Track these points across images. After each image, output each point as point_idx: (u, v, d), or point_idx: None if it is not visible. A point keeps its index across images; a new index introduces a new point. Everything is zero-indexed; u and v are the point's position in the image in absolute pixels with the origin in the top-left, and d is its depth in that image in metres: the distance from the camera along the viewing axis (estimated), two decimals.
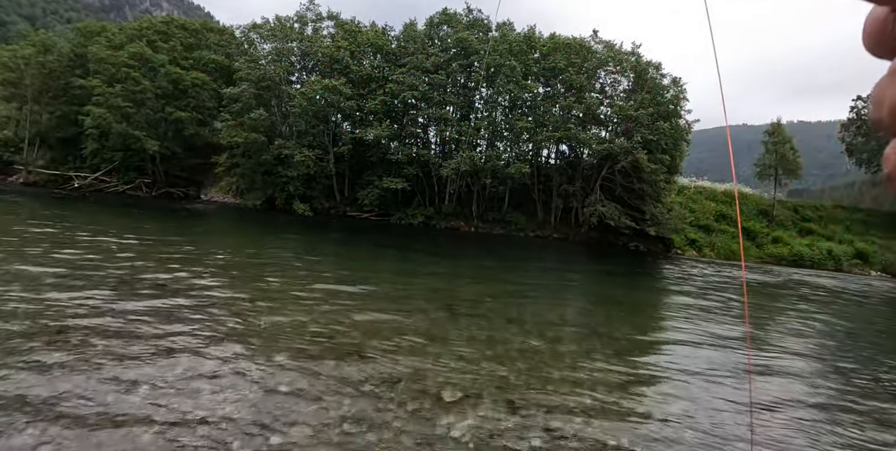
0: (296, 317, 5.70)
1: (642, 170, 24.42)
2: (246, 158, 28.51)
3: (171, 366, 3.90)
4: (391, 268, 11.36)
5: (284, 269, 9.33)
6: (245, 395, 3.48)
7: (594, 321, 7.34)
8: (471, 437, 3.21)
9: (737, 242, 28.30)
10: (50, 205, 18.81)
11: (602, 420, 3.67)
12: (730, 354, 6.14)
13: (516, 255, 17.63)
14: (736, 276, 17.37)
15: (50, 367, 3.59)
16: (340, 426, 3.18)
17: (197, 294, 6.30)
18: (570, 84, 26.60)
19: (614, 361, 5.26)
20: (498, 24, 29.61)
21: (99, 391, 3.31)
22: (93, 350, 4.04)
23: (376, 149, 27.79)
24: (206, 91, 31.51)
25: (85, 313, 5.05)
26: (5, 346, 3.95)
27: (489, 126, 27.54)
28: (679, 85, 26.47)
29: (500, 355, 5.03)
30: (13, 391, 3.19)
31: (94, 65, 30.56)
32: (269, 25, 30.82)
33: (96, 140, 30.43)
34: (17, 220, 12.86)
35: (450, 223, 27.56)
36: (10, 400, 3.07)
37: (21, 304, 5.07)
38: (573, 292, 10.47)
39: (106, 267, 7.31)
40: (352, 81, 27.76)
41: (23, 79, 32.79)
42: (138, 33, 32.89)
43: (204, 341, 4.56)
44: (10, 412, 2.92)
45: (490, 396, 3.93)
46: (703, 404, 4.27)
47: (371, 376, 4.08)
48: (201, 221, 19.94)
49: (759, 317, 9.28)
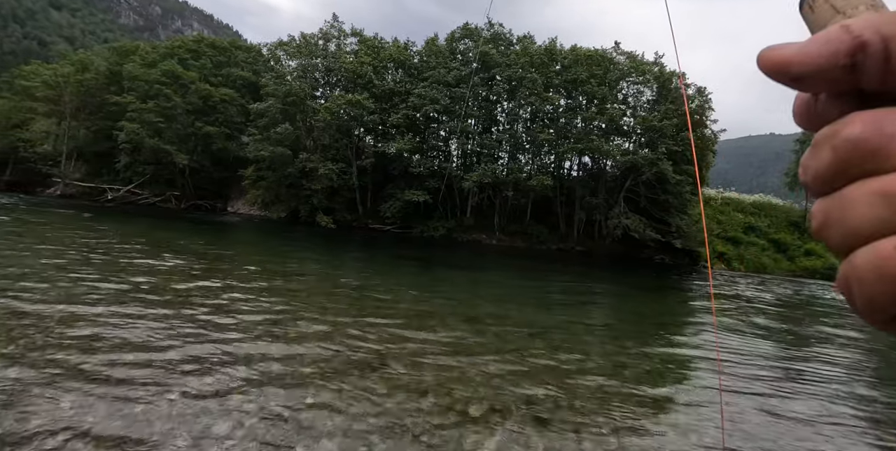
0: (320, 328, 5.72)
1: (667, 181, 24.05)
2: (271, 171, 29.12)
3: (197, 374, 3.93)
4: (413, 280, 11.35)
5: (308, 280, 9.41)
6: (271, 407, 3.48)
7: (622, 337, 7.17)
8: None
9: (768, 254, 27.53)
10: (103, 217, 19.43)
11: (632, 438, 3.55)
12: (770, 373, 5.91)
13: (539, 268, 17.46)
14: (772, 290, 16.85)
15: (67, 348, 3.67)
16: (367, 440, 3.15)
17: (220, 304, 6.39)
18: (591, 95, 26.52)
19: (644, 378, 5.11)
20: (519, 38, 29.83)
21: (128, 398, 3.36)
22: (121, 359, 4.11)
23: (398, 162, 28.07)
24: (234, 106, 32.46)
25: (94, 319, 5.15)
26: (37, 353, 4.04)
27: (511, 139, 27.58)
28: (704, 95, 26.14)
29: (525, 369, 4.94)
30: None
31: (128, 82, 31.80)
32: (294, 43, 31.68)
33: (129, 154, 31.53)
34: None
35: (471, 236, 27.52)
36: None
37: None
38: (599, 307, 10.28)
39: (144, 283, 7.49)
40: (374, 95, 28.22)
41: (62, 96, 34.32)
42: (170, 52, 34.18)
43: (229, 351, 4.60)
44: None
45: (517, 411, 3.85)
46: (739, 423, 4.10)
47: (396, 389, 4.05)
48: (228, 232, 20.34)
49: (778, 331, 8.95)
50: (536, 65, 26.78)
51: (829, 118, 0.24)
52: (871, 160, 0.21)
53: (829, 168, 0.23)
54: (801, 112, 0.27)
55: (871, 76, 0.22)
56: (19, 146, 36.95)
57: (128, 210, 26.62)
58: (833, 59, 0.23)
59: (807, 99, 0.26)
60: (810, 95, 0.26)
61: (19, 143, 36.92)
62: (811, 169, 0.24)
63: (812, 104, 0.26)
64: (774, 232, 30.06)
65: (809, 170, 0.24)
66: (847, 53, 0.22)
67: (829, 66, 0.23)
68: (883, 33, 0.22)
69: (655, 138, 24.92)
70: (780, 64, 0.24)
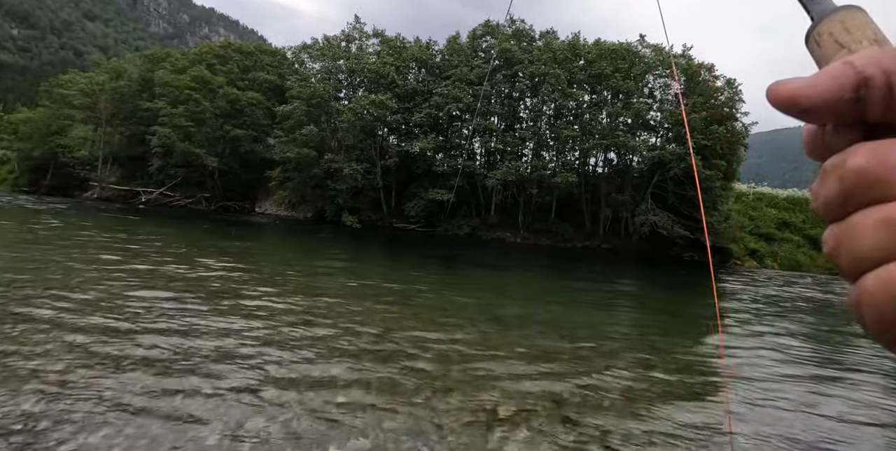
0: (348, 327, 5.79)
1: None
2: (297, 172, 29.60)
3: (228, 372, 4.03)
4: (438, 279, 11.38)
5: (335, 279, 9.54)
6: (303, 403, 3.55)
7: (651, 336, 7.05)
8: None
9: (803, 251, 26.61)
10: (154, 220, 20.09)
11: (661, 439, 3.49)
12: (805, 370, 5.72)
13: (565, 266, 17.29)
14: (811, 288, 16.30)
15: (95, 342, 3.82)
16: (396, 437, 3.18)
17: (253, 301, 6.53)
18: (616, 90, 26.09)
19: (675, 378, 5.01)
20: (541, 33, 29.55)
21: (166, 392, 3.47)
22: (158, 351, 4.24)
23: (422, 161, 28.16)
24: (260, 109, 33.13)
25: (142, 312, 5.32)
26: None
27: (534, 136, 27.36)
28: (734, 86, 25.39)
29: (553, 369, 4.90)
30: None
31: (159, 88, 32.77)
32: (318, 45, 32.10)
33: (161, 158, 32.50)
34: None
35: (495, 234, 27.43)
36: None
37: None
38: (626, 305, 10.11)
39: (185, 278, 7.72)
40: (397, 95, 28.36)
41: (97, 103, 35.59)
42: (199, 58, 35.08)
43: (259, 348, 4.70)
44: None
45: (545, 411, 3.82)
46: (776, 426, 3.99)
47: (423, 387, 4.07)
48: (258, 232, 20.77)
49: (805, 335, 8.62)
50: (559, 60, 26.47)
51: (837, 148, 0.25)
52: (875, 189, 0.22)
53: (837, 197, 0.24)
54: (810, 142, 0.28)
55: (875, 109, 0.23)
56: (58, 152, 38.56)
57: (162, 212, 27.46)
58: (838, 93, 0.24)
59: (814, 130, 0.27)
60: (818, 126, 0.27)
61: (58, 149, 38.52)
62: (821, 197, 0.25)
63: (819, 135, 0.27)
64: (810, 228, 29.00)
65: (819, 198, 0.25)
66: (851, 88, 0.23)
67: (835, 100, 0.24)
68: (885, 68, 0.23)
69: (683, 133, 24.35)
70: (789, 98, 0.25)
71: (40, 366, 3.81)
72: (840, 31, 0.30)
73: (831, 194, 0.24)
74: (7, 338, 4.38)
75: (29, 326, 4.75)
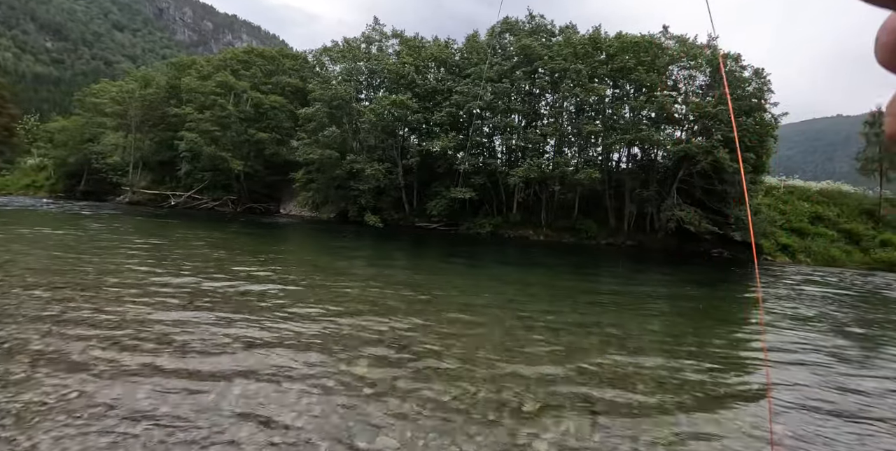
0: (373, 325, 5.83)
1: (724, 170, 22.85)
2: (320, 173, 29.97)
3: (260, 365, 4.10)
4: (462, 277, 11.37)
5: (359, 278, 9.62)
6: (330, 400, 3.59)
7: (679, 334, 6.89)
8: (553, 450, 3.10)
9: (838, 246, 25.67)
10: (196, 224, 20.66)
11: (697, 442, 3.41)
12: (835, 370, 5.52)
13: (589, 263, 17.07)
14: (849, 284, 15.72)
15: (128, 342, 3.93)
16: (423, 433, 3.19)
17: (275, 301, 6.64)
18: (640, 83, 25.60)
19: (705, 376, 4.89)
20: (561, 28, 29.22)
21: (198, 389, 3.55)
22: (189, 347, 4.35)
23: (443, 160, 28.18)
24: (283, 112, 33.67)
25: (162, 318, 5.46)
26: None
27: (555, 132, 27.08)
28: (762, 76, 24.63)
29: (579, 366, 4.84)
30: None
31: (186, 94, 33.60)
32: (338, 48, 32.44)
33: (189, 162, 33.32)
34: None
35: (518, 232, 27.27)
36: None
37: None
38: (654, 302, 9.91)
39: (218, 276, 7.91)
40: (417, 94, 28.44)
41: (128, 110, 36.69)
42: (223, 64, 35.84)
43: (287, 346, 4.77)
44: None
45: (571, 408, 3.78)
46: (803, 423, 3.85)
47: (449, 385, 4.07)
48: (285, 232, 21.13)
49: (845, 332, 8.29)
50: (580, 55, 26.13)
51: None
52: None
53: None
54: (890, 43, 0.27)
55: None
56: (92, 158, 39.90)
57: (192, 214, 28.14)
58: None
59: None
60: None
61: (92, 155, 39.86)
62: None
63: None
64: (845, 222, 27.91)
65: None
66: None
67: None
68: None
69: (710, 125, 23.74)
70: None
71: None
72: None
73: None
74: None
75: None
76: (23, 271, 7.48)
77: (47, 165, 49.28)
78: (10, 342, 4.31)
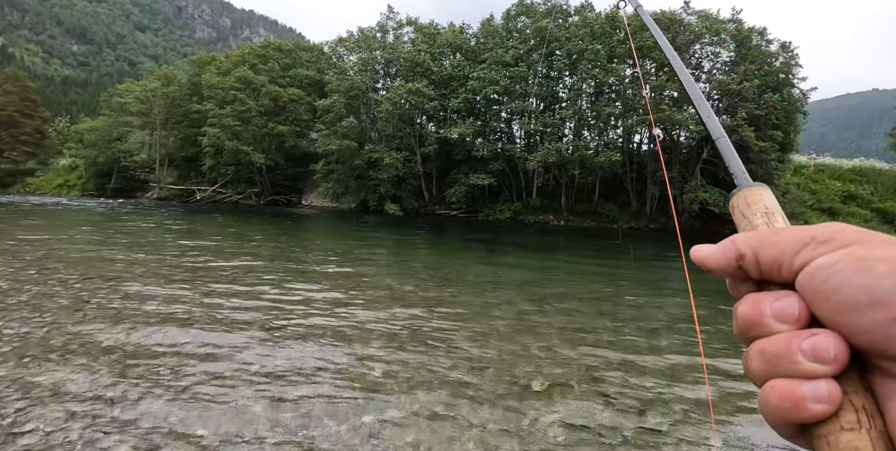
0: (388, 306, 5.94)
1: (750, 149, 22.18)
2: (340, 164, 30.23)
3: (274, 350, 4.25)
4: (480, 262, 11.42)
5: (378, 263, 9.76)
6: (340, 375, 3.71)
7: (699, 316, 6.81)
8: (560, 427, 3.13)
9: (872, 226, 24.76)
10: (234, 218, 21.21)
11: (702, 417, 3.40)
12: None
13: (609, 247, 16.89)
14: None
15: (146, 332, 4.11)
16: (431, 409, 3.26)
17: (291, 286, 6.81)
18: (661, 62, 24.93)
19: (720, 356, 4.84)
20: (576, 8, 28.59)
21: (215, 371, 3.71)
22: (205, 340, 4.52)
23: (461, 147, 28.08)
24: (301, 105, 33.96)
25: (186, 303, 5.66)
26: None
27: (574, 115, 26.66)
28: (789, 50, 23.71)
29: (591, 346, 4.83)
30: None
31: (207, 91, 34.17)
32: (353, 38, 32.41)
33: (212, 157, 33.99)
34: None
35: (538, 217, 27.09)
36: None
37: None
38: (673, 285, 9.78)
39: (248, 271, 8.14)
40: (433, 82, 28.30)
41: (152, 109, 37.56)
42: (241, 59, 36.25)
43: (303, 327, 4.91)
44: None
45: (580, 386, 3.80)
46: None
47: (459, 363, 4.13)
48: (309, 222, 21.48)
49: None
50: (597, 35, 25.56)
51: (740, 296, 0.36)
52: (754, 329, 0.33)
53: (739, 332, 0.35)
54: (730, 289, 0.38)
55: (753, 273, 0.35)
56: (120, 157, 41.09)
57: (220, 208, 28.81)
58: (726, 263, 0.36)
59: (729, 281, 0.38)
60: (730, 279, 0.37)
61: (120, 154, 41.04)
62: (735, 330, 0.35)
63: (732, 285, 0.37)
64: (880, 201, 26.81)
65: (735, 330, 0.35)
66: (734, 259, 0.35)
67: (727, 265, 0.36)
68: (752, 248, 0.34)
69: (735, 103, 23.03)
70: (699, 262, 0.37)
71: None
72: (743, 204, 0.44)
73: (736, 330, 0.35)
74: None
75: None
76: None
77: (79, 164, 50.91)
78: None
